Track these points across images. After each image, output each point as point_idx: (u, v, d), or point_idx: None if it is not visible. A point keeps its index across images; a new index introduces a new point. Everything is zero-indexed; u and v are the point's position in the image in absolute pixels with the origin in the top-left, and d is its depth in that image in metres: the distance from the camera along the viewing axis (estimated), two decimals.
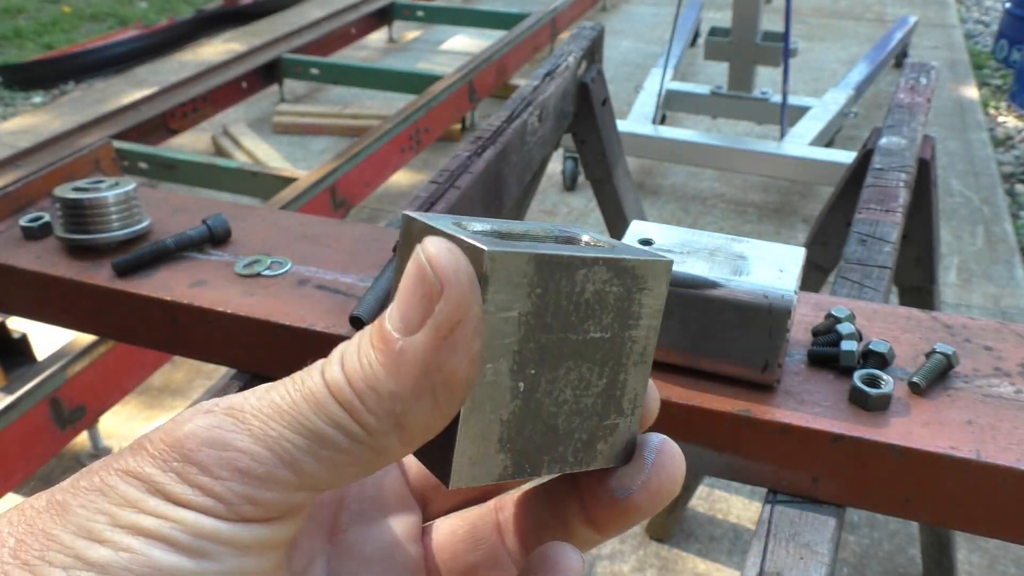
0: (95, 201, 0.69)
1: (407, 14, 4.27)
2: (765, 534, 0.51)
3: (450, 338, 0.22)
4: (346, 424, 0.23)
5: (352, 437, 0.23)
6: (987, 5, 5.24)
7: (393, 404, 0.23)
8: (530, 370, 0.24)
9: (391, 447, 0.23)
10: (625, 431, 0.27)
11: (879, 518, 1.66)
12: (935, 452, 0.49)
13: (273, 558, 0.24)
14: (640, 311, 0.26)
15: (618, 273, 0.25)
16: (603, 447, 0.27)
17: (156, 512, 0.22)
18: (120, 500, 0.22)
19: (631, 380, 0.26)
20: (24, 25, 4.84)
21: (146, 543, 0.22)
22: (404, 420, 0.23)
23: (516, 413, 0.24)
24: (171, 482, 0.22)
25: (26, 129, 3.38)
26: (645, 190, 2.93)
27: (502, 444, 0.24)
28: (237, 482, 0.22)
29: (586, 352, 0.25)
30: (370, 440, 0.23)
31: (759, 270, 0.52)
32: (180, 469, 0.23)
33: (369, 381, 0.23)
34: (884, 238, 0.79)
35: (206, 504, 0.22)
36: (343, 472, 0.23)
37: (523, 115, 1.03)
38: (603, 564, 1.58)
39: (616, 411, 0.27)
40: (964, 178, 2.97)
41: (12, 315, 0.75)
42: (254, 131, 3.23)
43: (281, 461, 0.22)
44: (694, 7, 3.99)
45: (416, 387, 0.22)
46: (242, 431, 0.23)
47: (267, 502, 0.23)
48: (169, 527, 0.22)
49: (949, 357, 0.54)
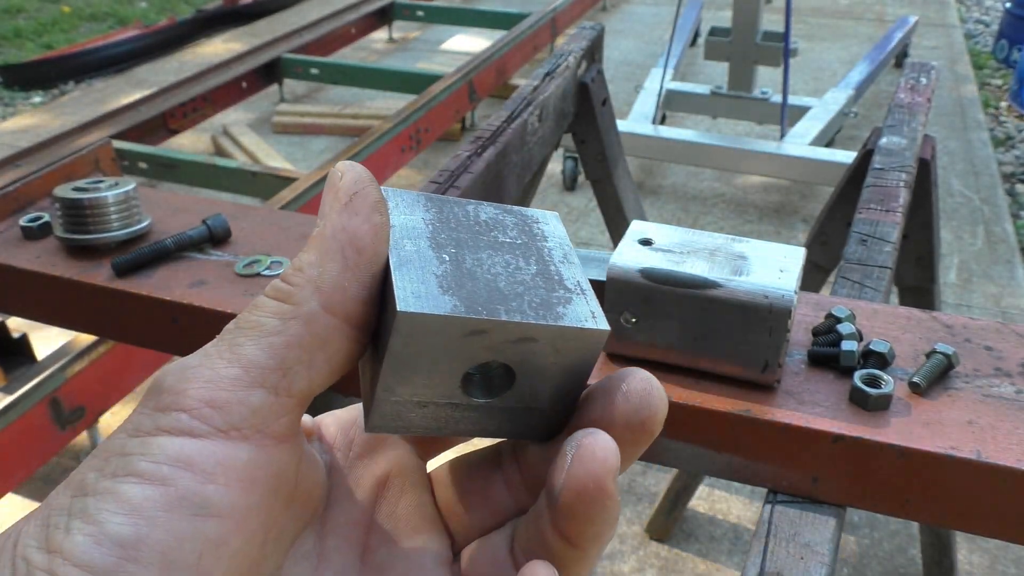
0: (95, 201, 0.68)
1: (407, 14, 4.27)
2: (765, 534, 0.51)
3: (350, 205, 0.27)
4: (275, 307, 0.26)
5: (281, 315, 0.26)
6: (987, 5, 5.24)
7: (310, 270, 0.26)
8: (450, 248, 0.28)
9: (314, 313, 0.26)
10: (584, 310, 0.27)
11: (879, 518, 1.66)
12: (935, 452, 0.49)
13: (246, 494, 0.24)
14: (544, 232, 0.30)
15: (504, 210, 0.30)
16: (565, 311, 0.27)
17: (131, 451, 0.23)
18: (107, 452, 0.24)
19: (566, 271, 0.28)
20: (23, 25, 4.84)
21: (117, 481, 0.23)
22: (320, 281, 0.26)
23: (449, 272, 0.27)
24: (146, 416, 0.24)
25: (25, 129, 3.38)
26: (645, 190, 2.93)
27: (443, 289, 0.26)
28: (196, 387, 0.24)
29: (502, 247, 0.29)
30: (294, 310, 0.26)
31: (759, 270, 0.52)
32: (154, 403, 0.24)
33: (295, 265, 0.27)
34: (884, 238, 0.79)
35: (171, 421, 0.24)
36: (284, 355, 0.25)
37: (523, 115, 1.03)
38: (603, 564, 1.58)
39: (562, 288, 0.28)
40: (964, 178, 2.97)
41: (12, 315, 0.75)
42: (254, 131, 3.23)
43: (230, 360, 0.25)
44: (694, 7, 3.98)
45: (326, 248, 0.26)
46: (198, 355, 0.25)
47: (226, 404, 0.24)
48: (137, 460, 0.23)
49: (949, 357, 0.54)
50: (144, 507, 0.22)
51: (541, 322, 0.26)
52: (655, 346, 0.55)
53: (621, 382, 0.27)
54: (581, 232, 2.67)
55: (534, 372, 0.28)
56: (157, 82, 3.73)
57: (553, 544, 0.27)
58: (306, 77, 3.39)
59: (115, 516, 0.22)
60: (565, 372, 0.28)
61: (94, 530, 0.22)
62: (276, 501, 0.26)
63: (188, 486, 0.23)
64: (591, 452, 0.25)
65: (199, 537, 0.23)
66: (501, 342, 0.26)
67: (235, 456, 0.24)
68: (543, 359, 0.27)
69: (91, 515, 0.22)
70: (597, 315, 0.27)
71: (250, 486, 0.24)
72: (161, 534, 0.22)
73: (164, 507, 0.22)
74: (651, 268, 0.53)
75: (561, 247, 0.29)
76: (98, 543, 0.22)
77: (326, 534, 0.29)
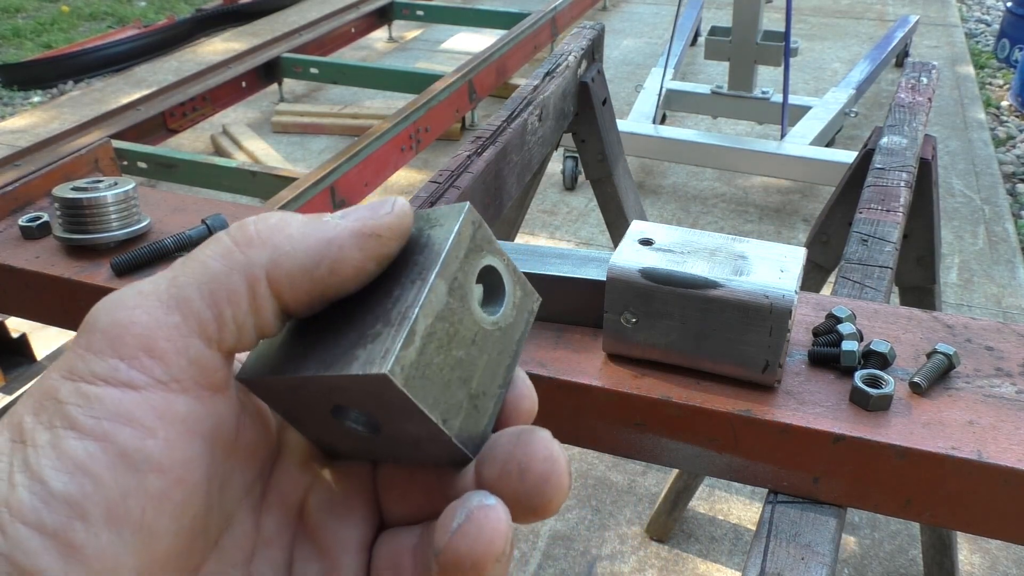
0: (94, 201, 0.68)
1: (407, 13, 4.26)
2: (766, 534, 0.50)
3: (365, 239, 0.26)
4: (225, 250, 0.25)
5: (229, 261, 0.25)
6: (988, 4, 5.24)
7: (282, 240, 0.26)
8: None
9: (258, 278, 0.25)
10: (380, 348, 0.25)
11: (880, 518, 1.66)
12: (936, 453, 0.49)
13: (186, 447, 0.24)
14: (429, 240, 0.28)
15: (417, 218, 0.29)
16: (361, 353, 0.25)
17: (67, 398, 0.23)
18: (43, 395, 0.23)
19: (406, 293, 0.27)
20: (23, 24, 4.84)
21: (57, 434, 0.22)
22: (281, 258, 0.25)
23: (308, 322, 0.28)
24: (80, 358, 0.24)
25: (25, 128, 3.38)
26: (645, 190, 2.93)
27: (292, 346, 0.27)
28: (133, 334, 0.24)
29: (380, 278, 0.28)
30: (244, 262, 0.25)
31: (760, 270, 0.52)
32: (86, 342, 0.24)
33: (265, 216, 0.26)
34: (885, 238, 0.79)
35: (108, 368, 0.23)
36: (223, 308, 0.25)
37: (523, 115, 1.03)
38: (603, 564, 1.58)
39: (381, 321, 0.26)
40: (965, 178, 2.97)
41: (11, 315, 0.75)
42: (253, 131, 3.23)
43: (169, 304, 0.24)
44: (694, 6, 3.98)
45: (312, 246, 0.26)
46: (134, 292, 0.25)
47: (164, 354, 0.24)
48: (76, 411, 0.23)
49: (950, 357, 0.54)
50: (87, 464, 0.22)
51: (329, 372, 0.25)
52: (655, 346, 0.54)
53: (521, 454, 0.26)
54: (581, 232, 2.67)
55: (378, 413, 0.27)
56: (156, 82, 3.73)
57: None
58: (306, 77, 3.39)
59: (59, 474, 0.22)
60: (395, 410, 0.26)
61: (40, 488, 0.22)
62: (215, 453, 0.25)
63: (129, 441, 0.23)
64: (478, 529, 0.24)
65: (142, 492, 0.23)
66: (320, 392, 0.26)
67: (174, 409, 0.24)
68: (366, 403, 0.26)
69: (34, 470, 0.22)
70: (389, 352, 0.24)
71: (189, 439, 0.24)
72: (106, 491, 0.22)
73: (107, 464, 0.22)
74: (651, 268, 0.53)
75: (428, 259, 0.27)
76: (45, 502, 0.22)
77: (270, 489, 0.29)
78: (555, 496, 0.25)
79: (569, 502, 1.71)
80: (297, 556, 0.29)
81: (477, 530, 0.24)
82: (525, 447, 0.26)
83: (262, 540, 0.29)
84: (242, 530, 0.28)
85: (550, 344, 0.58)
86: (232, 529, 0.28)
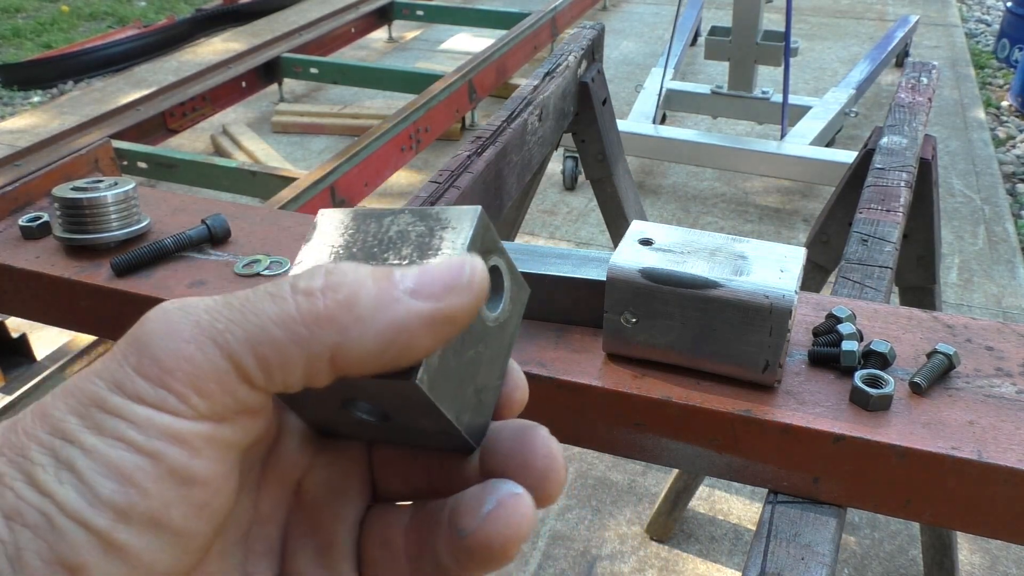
0: (94, 201, 0.68)
1: (407, 13, 4.26)
2: (766, 534, 0.50)
3: (438, 327, 0.25)
4: (288, 322, 0.24)
5: (291, 331, 0.24)
6: (988, 4, 5.24)
7: (351, 320, 0.24)
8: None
9: (320, 357, 0.24)
10: None
11: (880, 518, 1.66)
12: (936, 453, 0.49)
13: (225, 462, 0.25)
14: (441, 242, 0.28)
15: (420, 218, 0.29)
16: None
17: (116, 411, 0.24)
18: (87, 399, 0.24)
19: None
20: (23, 24, 4.84)
21: (106, 443, 0.23)
22: (348, 345, 0.24)
23: None
24: (128, 378, 0.24)
25: (25, 128, 3.38)
26: (645, 190, 2.93)
27: None
28: (185, 372, 0.24)
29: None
30: (309, 339, 0.24)
31: (760, 270, 0.52)
32: (136, 363, 0.24)
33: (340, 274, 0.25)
34: (885, 238, 0.79)
35: (158, 397, 0.24)
36: (272, 358, 0.24)
37: (523, 115, 1.03)
38: (603, 564, 1.58)
39: None
40: (965, 178, 2.97)
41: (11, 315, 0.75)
42: (253, 131, 3.23)
43: (223, 348, 0.24)
44: (694, 6, 3.98)
45: (380, 331, 0.24)
46: (190, 322, 0.24)
47: (212, 394, 0.24)
48: (126, 427, 0.23)
49: (950, 357, 0.54)
50: (136, 477, 0.23)
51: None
52: (655, 346, 0.54)
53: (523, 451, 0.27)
54: (581, 232, 2.67)
55: (391, 407, 0.27)
56: (156, 81, 3.73)
57: (442, 557, 0.27)
58: (305, 77, 3.39)
59: (107, 481, 0.23)
60: (415, 408, 0.27)
61: (86, 491, 0.23)
62: (247, 457, 0.27)
63: (177, 460, 0.24)
64: (508, 515, 0.25)
65: (185, 503, 0.24)
66: (336, 389, 0.26)
67: (220, 434, 0.25)
68: (384, 400, 0.27)
69: (81, 473, 0.23)
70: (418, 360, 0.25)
71: (231, 454, 0.25)
72: (151, 502, 0.23)
73: (155, 479, 0.23)
74: (651, 268, 0.53)
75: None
76: (91, 504, 0.23)
77: (268, 467, 0.30)
78: (553, 490, 0.27)
79: (569, 502, 1.71)
80: (291, 533, 0.30)
81: (507, 515, 0.25)
82: (527, 444, 0.27)
83: (258, 517, 0.30)
84: (240, 508, 0.29)
85: (550, 344, 0.58)
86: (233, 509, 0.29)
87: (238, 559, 0.29)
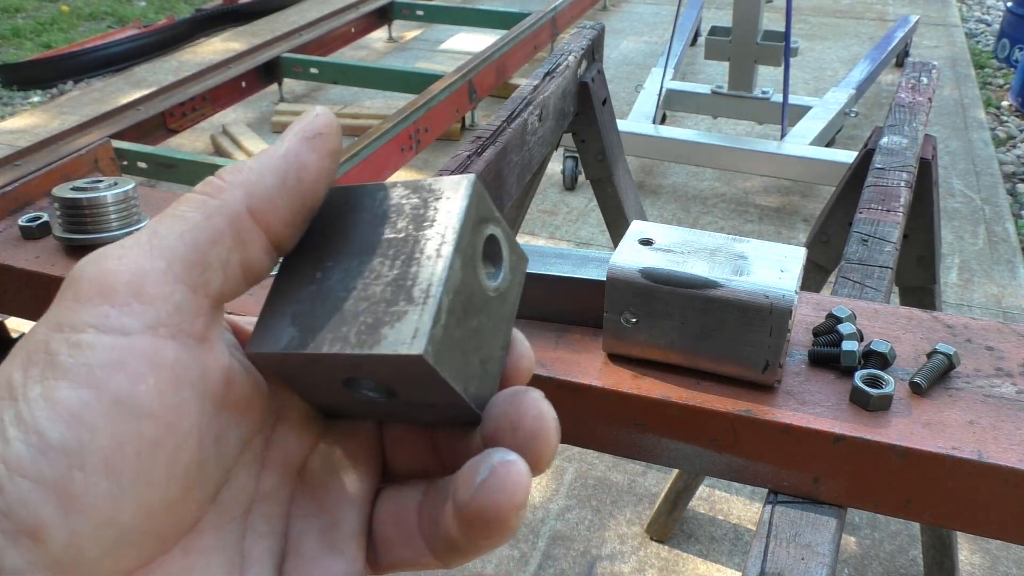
0: (94, 201, 0.68)
1: (407, 13, 4.26)
2: (766, 535, 0.50)
3: (311, 140, 0.28)
4: (200, 201, 0.26)
5: (205, 210, 0.26)
6: (988, 4, 5.24)
7: (247, 174, 0.27)
8: (327, 262, 0.29)
9: (239, 213, 0.26)
10: (409, 328, 0.25)
11: (880, 518, 1.66)
12: (936, 453, 0.49)
13: (174, 394, 0.24)
14: (436, 213, 0.28)
15: (413, 190, 0.29)
16: (389, 332, 0.26)
17: (58, 350, 0.23)
18: (32, 349, 0.24)
19: (424, 271, 0.27)
20: (22, 24, 4.84)
21: (50, 387, 0.23)
22: (253, 187, 0.27)
23: (312, 293, 0.28)
24: (68, 310, 0.24)
25: (24, 128, 3.38)
26: (645, 190, 2.93)
27: (293, 318, 0.28)
28: (123, 281, 0.24)
29: (379, 247, 0.28)
30: (220, 206, 0.26)
31: (760, 270, 0.52)
32: (74, 293, 0.24)
33: (232, 166, 0.28)
34: (885, 238, 0.79)
35: (99, 315, 0.24)
36: (206, 251, 0.25)
37: (523, 115, 1.03)
38: (603, 564, 1.58)
39: (405, 299, 0.26)
40: (965, 178, 2.97)
41: (11, 315, 0.75)
42: (253, 131, 3.23)
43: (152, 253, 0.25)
44: (694, 6, 3.98)
45: (272, 164, 0.27)
46: (116, 247, 0.25)
47: (152, 299, 0.24)
48: (68, 361, 0.23)
49: (950, 357, 0.54)
50: (82, 413, 0.22)
51: (356, 351, 0.26)
52: (655, 346, 0.54)
53: (513, 412, 0.27)
54: (581, 232, 2.67)
55: (396, 384, 0.27)
56: (156, 81, 3.73)
57: (449, 527, 0.27)
58: (305, 77, 3.39)
59: (55, 424, 0.22)
60: (421, 383, 0.26)
61: (36, 440, 0.22)
62: (205, 403, 0.26)
63: (121, 388, 0.23)
64: (501, 483, 0.25)
65: (136, 438, 0.23)
66: (339, 367, 0.27)
67: (162, 355, 0.24)
68: (389, 376, 0.27)
69: (28, 423, 0.22)
70: (420, 333, 0.25)
71: (178, 386, 0.25)
72: (102, 439, 0.23)
73: (101, 412, 0.23)
74: (651, 268, 0.53)
75: (442, 234, 0.27)
76: (43, 453, 0.22)
77: (272, 445, 0.30)
78: (544, 450, 0.27)
79: (569, 502, 1.71)
80: (295, 512, 0.30)
81: (501, 483, 0.25)
82: (517, 406, 0.27)
83: (260, 496, 0.29)
84: (239, 485, 0.28)
85: (550, 344, 0.58)
86: (230, 484, 0.28)
87: (235, 536, 0.28)
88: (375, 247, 0.28)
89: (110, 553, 0.23)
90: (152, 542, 0.25)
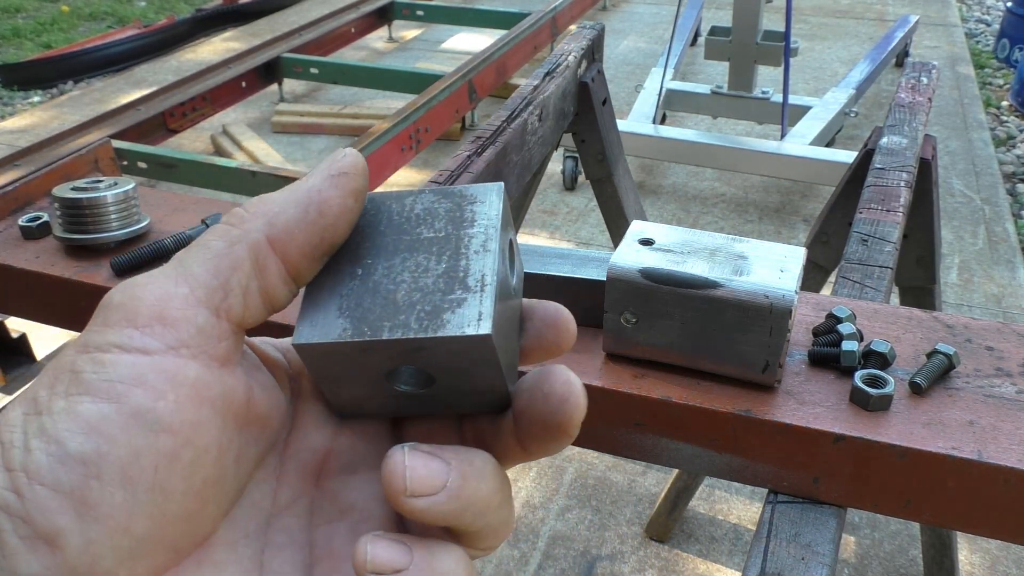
0: (94, 201, 0.68)
1: (407, 13, 4.26)
2: (766, 534, 0.50)
3: (335, 178, 0.28)
4: (223, 231, 0.28)
5: (228, 239, 0.27)
6: (988, 4, 5.24)
7: (269, 206, 0.28)
8: (367, 259, 0.30)
9: (259, 242, 0.27)
10: (472, 312, 0.28)
11: (880, 518, 1.66)
12: (936, 453, 0.49)
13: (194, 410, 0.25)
14: (474, 215, 0.30)
15: (443, 196, 0.31)
16: (451, 317, 0.28)
17: (83, 368, 0.24)
18: (60, 369, 0.25)
19: (475, 264, 0.29)
20: (22, 24, 4.84)
21: (73, 401, 0.24)
22: (274, 218, 0.28)
23: (355, 288, 0.29)
24: (97, 334, 0.25)
25: (25, 128, 3.38)
26: (645, 190, 2.93)
27: (341, 311, 0.29)
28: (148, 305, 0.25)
29: (420, 246, 0.30)
30: (242, 235, 0.27)
31: (760, 270, 0.52)
32: (103, 319, 0.25)
33: (257, 198, 0.29)
34: (885, 238, 0.79)
35: (124, 337, 0.25)
36: (227, 276, 0.27)
37: (523, 115, 1.03)
38: (603, 564, 1.58)
39: (461, 288, 0.28)
40: (965, 178, 2.97)
41: (11, 315, 0.75)
42: (253, 131, 3.23)
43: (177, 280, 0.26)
44: (694, 6, 3.98)
45: (295, 197, 0.28)
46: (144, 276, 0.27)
47: (175, 321, 0.25)
48: (92, 378, 0.24)
49: (950, 357, 0.54)
50: (101, 425, 0.23)
51: (421, 335, 0.27)
52: (655, 346, 0.54)
53: (544, 382, 0.29)
54: (581, 232, 2.67)
55: (445, 370, 0.29)
56: (156, 82, 3.73)
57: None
58: (306, 77, 3.39)
59: (74, 435, 0.23)
60: (475, 366, 0.28)
61: (55, 449, 0.23)
62: (225, 421, 0.27)
63: (141, 402, 0.24)
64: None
65: (153, 451, 0.24)
66: (395, 353, 0.28)
67: (183, 373, 0.25)
68: (445, 361, 0.28)
69: (50, 434, 0.23)
70: (484, 316, 0.27)
71: (198, 403, 0.25)
72: (119, 450, 0.23)
73: (120, 425, 0.23)
74: (651, 268, 0.53)
75: (485, 232, 0.30)
76: (61, 462, 0.23)
77: (287, 458, 0.30)
78: (574, 413, 0.28)
79: (569, 502, 1.71)
80: (317, 521, 0.30)
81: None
82: (547, 377, 0.29)
83: (277, 510, 0.29)
84: (253, 501, 0.29)
85: None
86: (244, 500, 0.29)
87: (251, 551, 0.28)
88: (416, 245, 0.30)
89: (124, 562, 0.24)
90: (165, 553, 0.25)
